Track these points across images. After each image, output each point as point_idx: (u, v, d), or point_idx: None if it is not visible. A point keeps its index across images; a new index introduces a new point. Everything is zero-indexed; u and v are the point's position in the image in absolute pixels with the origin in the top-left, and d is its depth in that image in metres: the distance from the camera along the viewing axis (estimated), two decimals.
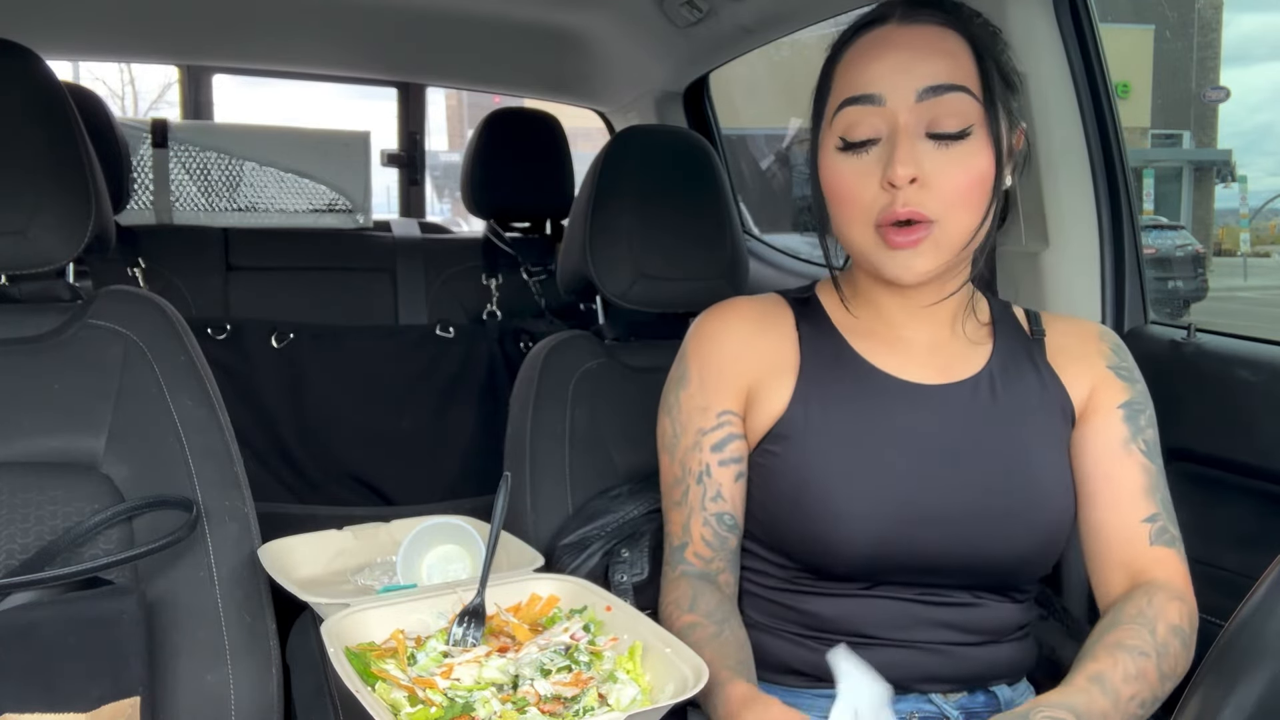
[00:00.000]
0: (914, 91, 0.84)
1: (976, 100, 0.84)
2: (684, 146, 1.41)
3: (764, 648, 0.96)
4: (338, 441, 1.98)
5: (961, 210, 0.85)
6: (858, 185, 0.87)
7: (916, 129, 0.84)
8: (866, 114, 0.86)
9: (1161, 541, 0.90)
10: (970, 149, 0.85)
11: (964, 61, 0.85)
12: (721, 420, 0.96)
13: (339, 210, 2.24)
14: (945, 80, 0.84)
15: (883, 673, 0.91)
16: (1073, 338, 0.98)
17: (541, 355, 1.33)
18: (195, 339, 1.13)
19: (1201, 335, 1.25)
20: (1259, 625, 0.42)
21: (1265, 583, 0.44)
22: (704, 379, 0.98)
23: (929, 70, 0.84)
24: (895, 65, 0.85)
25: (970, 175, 0.84)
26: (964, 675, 0.94)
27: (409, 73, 2.54)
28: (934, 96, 0.84)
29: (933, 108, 0.84)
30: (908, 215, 0.84)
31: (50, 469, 1.03)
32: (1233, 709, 0.40)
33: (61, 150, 1.07)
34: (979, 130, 0.85)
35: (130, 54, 2.52)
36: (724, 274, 1.37)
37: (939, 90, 0.84)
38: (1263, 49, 13.92)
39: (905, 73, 0.85)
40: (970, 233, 0.87)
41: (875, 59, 0.87)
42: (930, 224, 0.85)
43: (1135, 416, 0.94)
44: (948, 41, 0.86)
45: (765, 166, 5.75)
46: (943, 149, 0.84)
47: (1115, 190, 1.34)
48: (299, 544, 1.12)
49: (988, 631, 0.93)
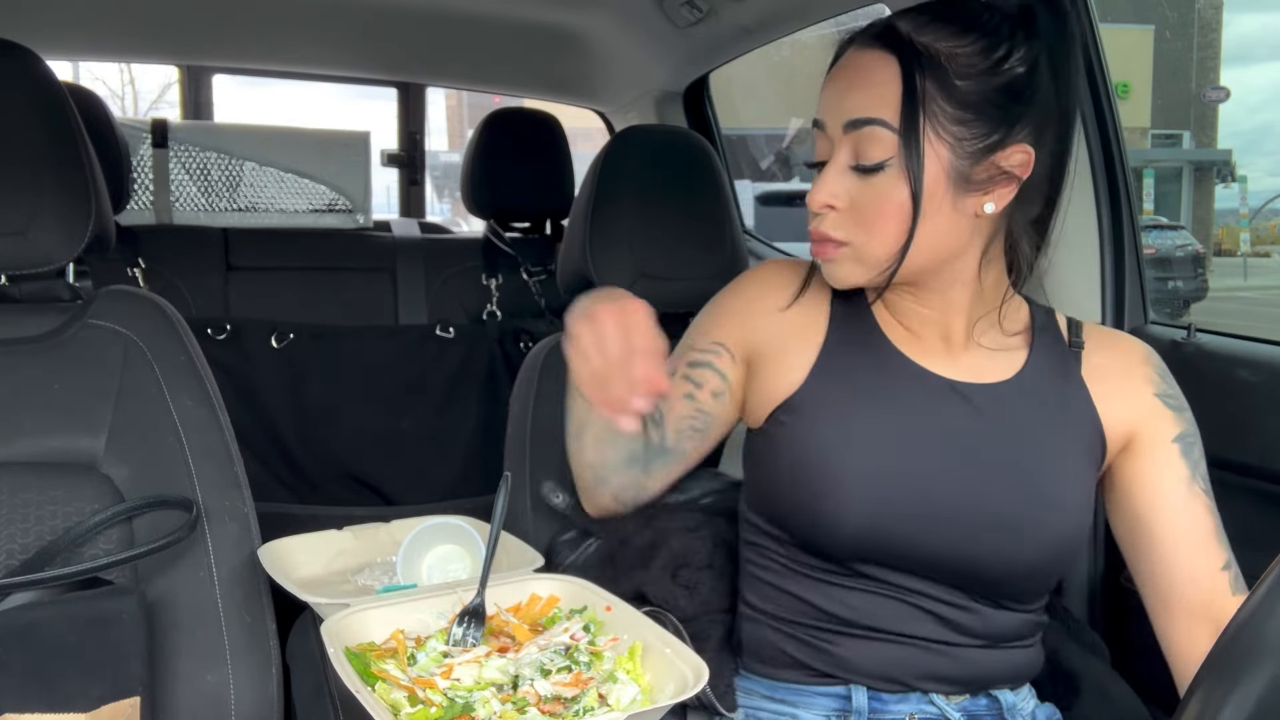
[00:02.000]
0: (840, 124, 0.88)
1: (894, 133, 0.85)
2: (684, 146, 1.41)
3: (765, 641, 0.96)
4: (338, 441, 1.98)
5: (874, 235, 0.88)
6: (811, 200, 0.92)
7: (845, 158, 0.88)
8: (819, 138, 0.92)
9: (1240, 589, 0.89)
10: (886, 180, 0.86)
11: (889, 93, 0.85)
12: (711, 346, 1.01)
13: (339, 210, 2.24)
14: (863, 115, 0.86)
15: (883, 669, 0.92)
16: (1115, 356, 0.96)
17: (541, 355, 1.33)
18: (195, 339, 1.13)
19: (1201, 335, 1.25)
20: (1259, 625, 0.42)
21: (1265, 583, 0.44)
22: (719, 313, 1.03)
23: (853, 103, 0.87)
24: (831, 95, 0.90)
25: (885, 205, 0.87)
26: (964, 677, 0.93)
27: (409, 73, 2.54)
28: (855, 130, 0.87)
29: (855, 140, 0.87)
30: (818, 236, 0.91)
31: (50, 469, 1.03)
32: (1233, 709, 0.40)
33: (61, 150, 1.07)
34: (895, 162, 0.86)
35: (130, 54, 2.52)
36: (724, 274, 1.37)
37: (858, 124, 0.87)
38: (1263, 49, 13.92)
39: (837, 104, 0.89)
40: (891, 253, 0.88)
41: (826, 87, 0.91)
42: (842, 245, 0.90)
43: (1190, 450, 0.92)
44: (881, 71, 0.86)
45: (765, 167, 5.74)
46: (864, 179, 0.87)
47: (1115, 190, 1.34)
48: (299, 544, 1.12)
49: (984, 636, 0.93)
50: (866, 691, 0.93)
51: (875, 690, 0.93)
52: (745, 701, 0.98)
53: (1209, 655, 0.43)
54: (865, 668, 0.92)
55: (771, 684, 0.97)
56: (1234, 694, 0.41)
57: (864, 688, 0.93)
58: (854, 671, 0.92)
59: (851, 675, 0.93)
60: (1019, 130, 0.86)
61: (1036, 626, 0.96)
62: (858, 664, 0.92)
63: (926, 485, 0.89)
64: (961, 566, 0.90)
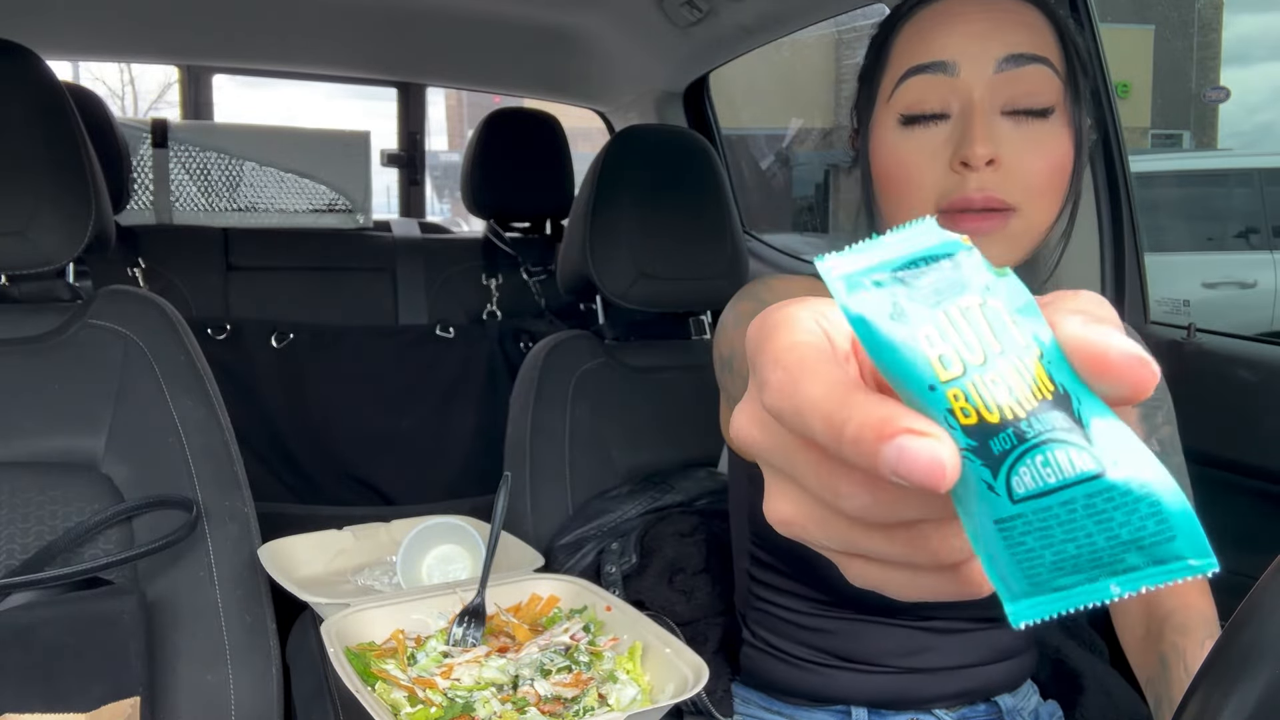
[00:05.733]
0: (993, 61, 0.73)
1: (1059, 77, 0.74)
2: (684, 146, 1.41)
3: (772, 673, 0.95)
4: (338, 441, 1.98)
5: (1041, 200, 0.75)
6: (921, 165, 0.76)
7: (993, 105, 0.74)
8: (936, 85, 0.75)
9: None
10: (1051, 130, 0.74)
11: (1045, 35, 0.75)
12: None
13: (339, 210, 2.24)
14: (1028, 50, 0.74)
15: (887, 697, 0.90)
16: None
17: (541, 355, 1.33)
18: (195, 339, 1.13)
19: (1201, 335, 1.25)
20: (1259, 625, 0.42)
21: (1265, 583, 0.44)
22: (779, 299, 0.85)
23: (1010, 39, 0.74)
24: (971, 32, 0.74)
25: (1051, 161, 0.74)
26: (969, 691, 0.93)
27: (409, 73, 2.54)
28: (1015, 68, 0.73)
29: (1012, 81, 0.74)
30: (984, 202, 0.73)
31: (50, 469, 1.03)
32: (1233, 709, 0.40)
33: (61, 150, 1.07)
34: (1060, 111, 0.75)
35: (130, 54, 2.51)
36: (724, 273, 1.37)
37: (1020, 60, 0.73)
38: (1263, 49, 13.90)
39: (983, 40, 0.74)
40: (1047, 227, 0.76)
41: (947, 26, 0.75)
42: (1008, 212, 0.74)
43: (1151, 415, 0.89)
44: (1026, 14, 0.76)
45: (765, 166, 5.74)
46: (1021, 128, 0.74)
47: (1115, 190, 1.34)
48: (299, 544, 1.12)
49: (999, 650, 0.92)
50: (867, 710, 0.92)
51: (875, 709, 0.92)
52: (742, 709, 0.97)
53: (1209, 655, 0.43)
54: (866, 695, 0.91)
55: (782, 705, 0.96)
56: (1234, 694, 0.41)
57: (864, 708, 0.92)
58: (855, 698, 0.91)
59: (853, 701, 0.92)
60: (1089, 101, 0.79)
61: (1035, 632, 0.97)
62: (859, 692, 0.91)
63: None
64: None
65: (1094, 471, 0.21)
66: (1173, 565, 0.21)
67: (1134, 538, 0.21)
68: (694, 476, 1.21)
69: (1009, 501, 0.21)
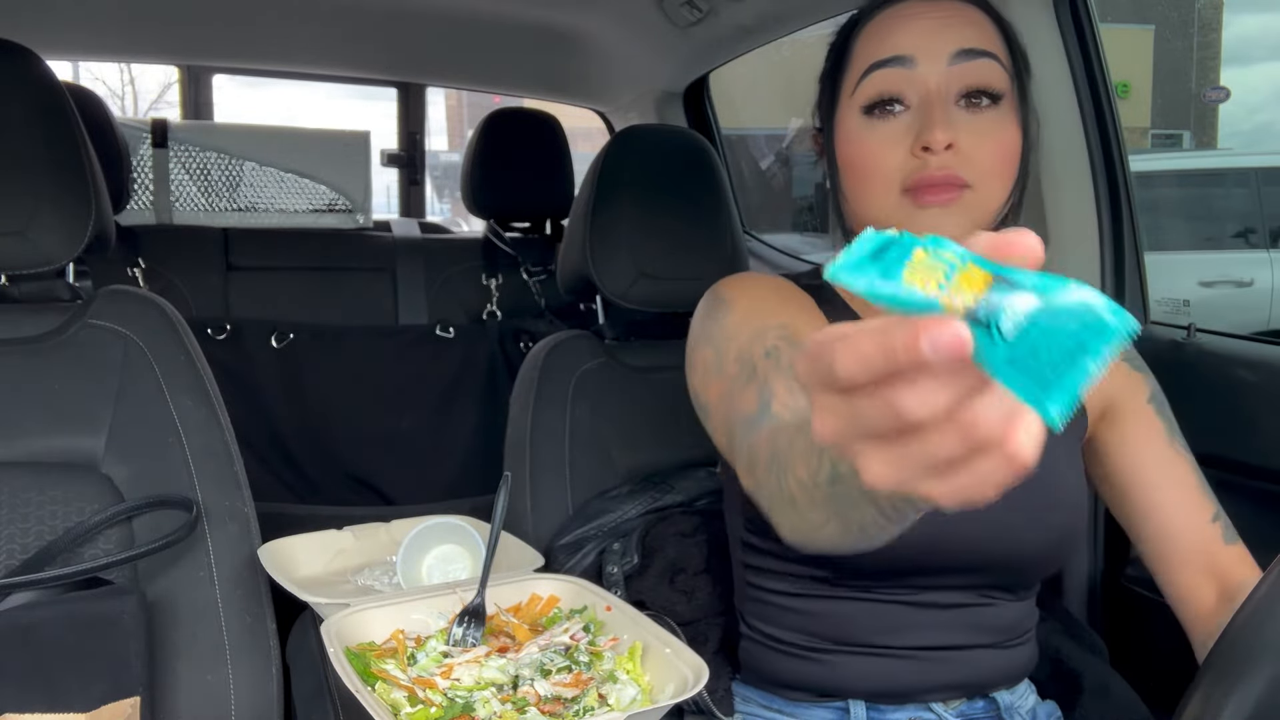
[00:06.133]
0: (947, 54, 0.82)
1: (1006, 70, 0.83)
2: (684, 146, 1.41)
3: (764, 661, 0.95)
4: (338, 441, 1.98)
5: (994, 179, 0.83)
6: (885, 151, 0.83)
7: (948, 95, 0.82)
8: (896, 77, 0.82)
9: (1232, 538, 0.89)
10: (1001, 117, 0.83)
11: (991, 32, 0.84)
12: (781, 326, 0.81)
13: (339, 210, 2.24)
14: (978, 45, 0.82)
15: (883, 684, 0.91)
16: None
17: (541, 355, 1.33)
18: (195, 339, 1.13)
19: (1201, 335, 1.25)
20: (1259, 625, 0.42)
21: (1265, 583, 0.44)
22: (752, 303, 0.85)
23: (962, 35, 0.82)
24: (927, 29, 0.83)
25: (1002, 144, 0.83)
26: (967, 682, 0.93)
27: (409, 73, 2.54)
28: (967, 60, 0.82)
29: (965, 73, 0.82)
30: (944, 178, 0.81)
31: (50, 469, 1.03)
32: (1233, 709, 0.40)
33: (61, 150, 1.07)
34: (1009, 100, 0.83)
35: (130, 54, 2.52)
36: (724, 274, 1.35)
37: (972, 54, 0.82)
38: (1263, 49, 13.90)
39: (938, 36, 0.82)
40: (1000, 204, 0.84)
41: (904, 25, 0.84)
42: (965, 188, 0.82)
43: (1163, 409, 0.92)
44: (973, 14, 0.84)
45: (765, 166, 5.74)
46: (975, 116, 0.82)
47: (1115, 190, 1.34)
48: (299, 544, 1.12)
49: (996, 631, 0.92)
50: (865, 705, 0.92)
51: (874, 703, 0.92)
52: (742, 708, 0.97)
53: (1209, 655, 0.43)
54: (865, 685, 0.91)
55: (780, 700, 0.96)
56: (1234, 694, 0.41)
57: (862, 701, 0.92)
58: (854, 689, 0.91)
59: (851, 692, 0.92)
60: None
61: (1032, 618, 0.96)
62: (857, 681, 0.91)
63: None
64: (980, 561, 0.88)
65: (1039, 306, 0.33)
66: (1107, 333, 0.33)
67: (1081, 328, 0.32)
68: (694, 476, 1.21)
69: (1006, 343, 0.33)
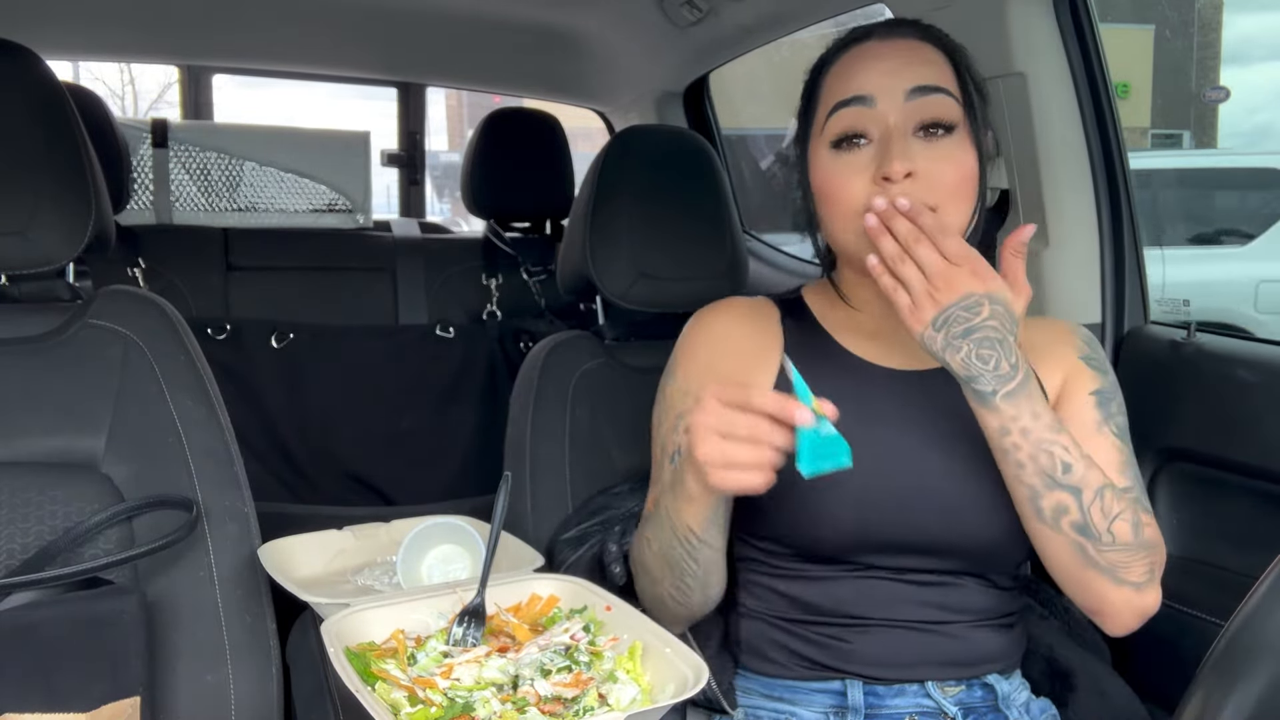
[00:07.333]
0: (903, 91, 0.90)
1: (958, 103, 0.92)
2: (684, 146, 1.41)
3: (762, 637, 0.98)
4: (338, 441, 1.98)
5: (954, 202, 0.90)
6: (850, 181, 0.91)
7: (906, 128, 0.90)
8: (859, 115, 0.91)
9: (1140, 508, 0.91)
10: (956, 145, 0.91)
11: (944, 69, 0.93)
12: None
13: (339, 210, 2.24)
14: (931, 82, 0.91)
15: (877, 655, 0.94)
16: (1045, 334, 1.02)
17: (541, 355, 1.33)
18: (195, 339, 1.13)
19: (1201, 335, 1.25)
20: (1259, 625, 0.42)
21: (1265, 583, 0.44)
22: (687, 370, 1.04)
23: (916, 74, 0.91)
24: (884, 70, 0.92)
25: (959, 169, 0.90)
26: (954, 658, 0.95)
27: (409, 73, 2.55)
28: (922, 96, 0.90)
29: (920, 108, 0.90)
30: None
31: (50, 469, 1.03)
32: (1233, 708, 0.40)
33: (61, 150, 1.07)
34: (963, 129, 0.91)
35: (130, 54, 2.52)
36: (724, 274, 1.37)
37: (926, 90, 0.90)
38: (1263, 49, 13.90)
39: (894, 75, 0.91)
40: (964, 224, 0.92)
41: (865, 66, 0.93)
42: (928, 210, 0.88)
43: (1106, 403, 0.97)
44: (927, 52, 0.93)
45: (765, 166, 5.74)
46: (931, 145, 0.90)
47: (1115, 190, 1.34)
48: (299, 544, 1.12)
49: (969, 611, 0.95)
50: (862, 686, 0.94)
51: (870, 684, 0.94)
52: (744, 700, 0.99)
53: (1209, 654, 0.43)
54: (860, 656, 0.94)
55: (769, 682, 0.98)
56: (1234, 694, 0.41)
57: (859, 681, 0.94)
58: (849, 661, 0.94)
59: (847, 666, 0.94)
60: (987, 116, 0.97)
61: (1013, 607, 0.99)
62: (851, 653, 0.94)
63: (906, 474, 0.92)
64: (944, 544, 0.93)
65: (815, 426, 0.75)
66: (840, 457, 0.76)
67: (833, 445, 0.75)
68: None
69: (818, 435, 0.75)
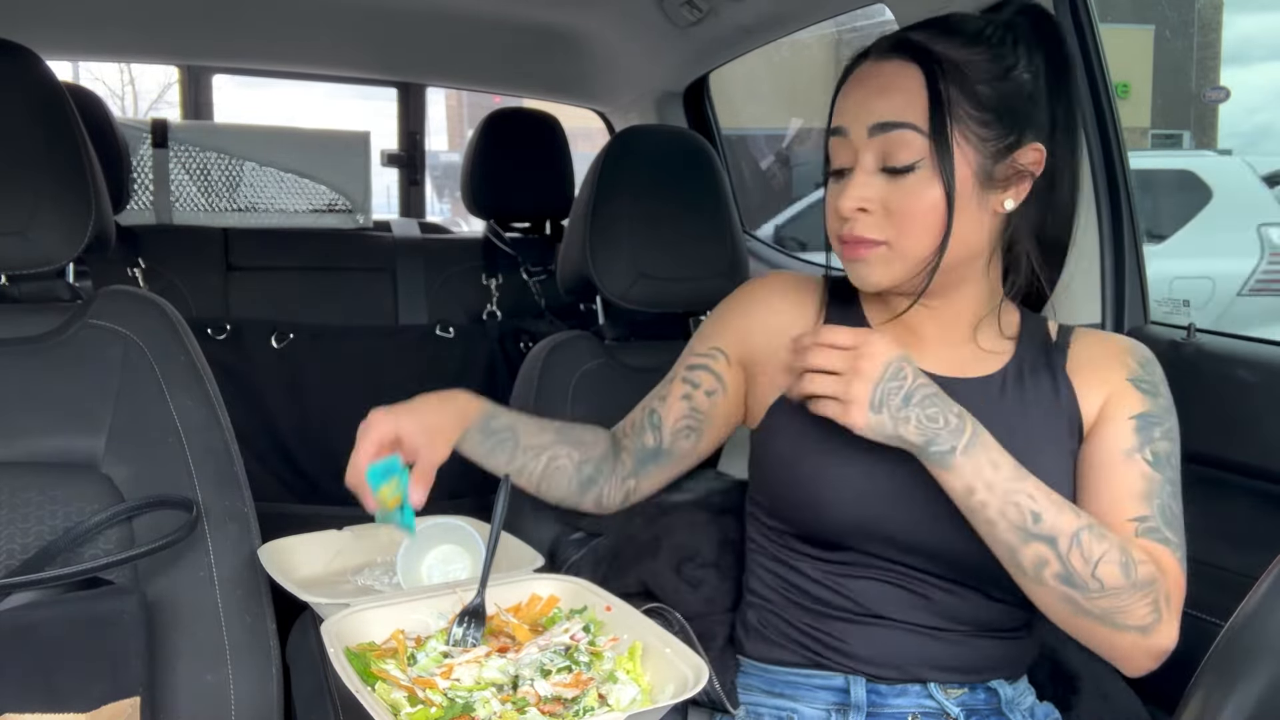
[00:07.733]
0: (866, 127, 0.91)
1: (924, 136, 0.89)
2: (684, 146, 1.41)
3: (767, 624, 0.99)
4: (338, 441, 1.96)
5: (910, 235, 0.91)
6: (831, 210, 0.95)
7: (872, 162, 0.91)
8: (837, 145, 0.94)
9: (1151, 538, 0.88)
10: (918, 181, 0.90)
11: (915, 98, 0.90)
12: (709, 351, 1.07)
13: (339, 210, 2.24)
14: (892, 118, 0.90)
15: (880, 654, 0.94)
16: (1101, 349, 0.99)
17: (541, 355, 1.33)
18: (195, 339, 1.13)
19: (1201, 335, 1.25)
20: (1259, 625, 0.42)
21: (1265, 583, 0.44)
22: (719, 321, 1.09)
23: (880, 108, 0.91)
24: (856, 101, 0.93)
25: (920, 204, 0.90)
26: (958, 664, 0.94)
27: (409, 73, 2.54)
28: (882, 133, 0.90)
29: (883, 143, 0.91)
30: (854, 240, 0.93)
31: (50, 469, 1.03)
32: (1233, 708, 0.40)
33: (61, 150, 1.07)
34: (927, 163, 0.90)
35: (130, 54, 2.52)
36: (724, 273, 1.37)
37: (886, 128, 0.90)
38: (1263, 49, 13.90)
39: (861, 107, 0.92)
40: (928, 251, 0.91)
41: (845, 95, 0.95)
42: (878, 245, 0.92)
43: (1148, 428, 0.93)
44: (904, 79, 0.91)
45: (765, 166, 5.74)
46: (893, 181, 0.91)
47: (1115, 190, 1.34)
48: (299, 544, 1.12)
49: (971, 622, 0.94)
50: (865, 683, 0.93)
51: (873, 682, 0.94)
52: (745, 697, 0.99)
53: (1209, 655, 0.43)
54: (863, 653, 0.94)
55: (771, 678, 0.98)
56: (1234, 694, 0.41)
57: (862, 678, 0.94)
58: (852, 658, 0.94)
59: (850, 663, 0.94)
60: (1032, 130, 0.92)
61: (1025, 618, 0.97)
62: (855, 649, 0.94)
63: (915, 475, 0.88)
64: (942, 552, 0.91)
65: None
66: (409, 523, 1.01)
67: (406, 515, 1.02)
68: (702, 476, 1.21)
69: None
